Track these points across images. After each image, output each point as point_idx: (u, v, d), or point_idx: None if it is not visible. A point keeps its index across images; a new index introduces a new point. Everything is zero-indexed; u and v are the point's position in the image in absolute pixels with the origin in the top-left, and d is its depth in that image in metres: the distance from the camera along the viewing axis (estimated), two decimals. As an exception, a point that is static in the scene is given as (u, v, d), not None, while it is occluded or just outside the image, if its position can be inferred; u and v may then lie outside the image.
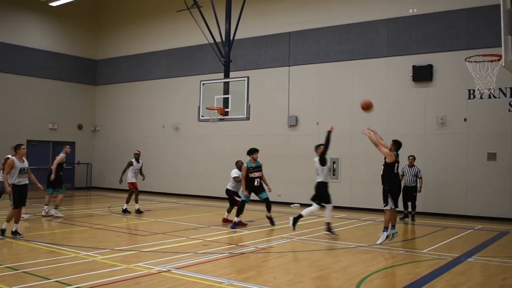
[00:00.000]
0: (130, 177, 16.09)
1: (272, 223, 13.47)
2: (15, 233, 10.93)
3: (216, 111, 16.16)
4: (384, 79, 17.92)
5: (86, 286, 7.02)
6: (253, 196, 13.53)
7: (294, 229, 12.18)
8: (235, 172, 14.11)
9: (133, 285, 7.17)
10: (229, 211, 14.24)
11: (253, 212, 16.11)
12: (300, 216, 12.15)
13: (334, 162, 18.58)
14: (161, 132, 23.75)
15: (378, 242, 10.73)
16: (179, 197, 22.02)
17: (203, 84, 17.01)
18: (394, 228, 11.05)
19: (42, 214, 14.77)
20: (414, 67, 17.15)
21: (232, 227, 12.94)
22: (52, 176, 14.65)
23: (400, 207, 15.27)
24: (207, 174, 21.81)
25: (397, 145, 11.42)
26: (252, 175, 13.26)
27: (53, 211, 14.65)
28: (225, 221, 13.96)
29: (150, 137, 23.97)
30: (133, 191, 16.02)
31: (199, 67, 22.38)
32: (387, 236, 10.81)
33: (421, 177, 15.15)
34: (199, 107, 16.82)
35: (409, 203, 15.18)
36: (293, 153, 19.59)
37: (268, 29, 20.71)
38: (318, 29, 19.44)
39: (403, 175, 14.91)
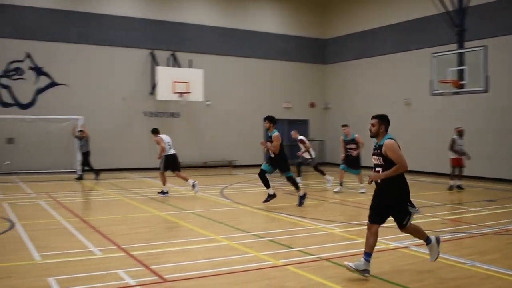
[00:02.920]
0: (451, 153, 15.82)
1: None
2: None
3: (450, 84, 15.42)
4: None
5: (326, 257, 7.37)
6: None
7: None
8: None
9: (372, 259, 7.29)
10: None
11: (495, 191, 15.13)
12: None
13: None
14: (392, 108, 23.39)
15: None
16: (411, 173, 21.47)
17: (434, 56, 16.35)
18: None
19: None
20: None
21: None
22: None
23: None
24: (440, 150, 20.93)
25: None
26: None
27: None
28: None
29: (381, 113, 23.75)
30: (456, 168, 15.78)
31: (428, 39, 21.42)
32: None
33: None
34: (431, 81, 16.24)
35: None
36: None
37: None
38: None
39: None
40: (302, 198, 12.33)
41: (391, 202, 6.47)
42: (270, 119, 12.33)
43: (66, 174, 19.45)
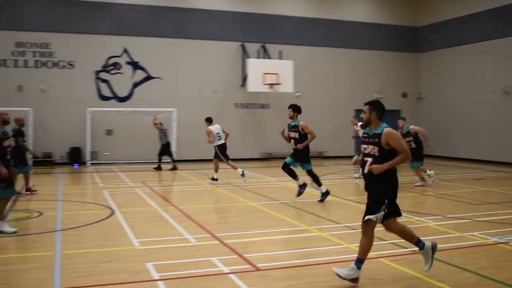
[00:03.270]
0: None
1: None
2: None
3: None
4: None
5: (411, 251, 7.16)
6: None
7: None
8: None
9: (468, 254, 7.05)
10: None
11: None
12: None
13: None
14: (490, 97, 22.32)
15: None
16: (510, 166, 20.43)
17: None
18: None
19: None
20: None
21: None
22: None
23: None
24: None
25: None
26: None
27: None
28: None
29: (478, 102, 22.79)
30: None
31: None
32: None
33: None
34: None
35: None
36: None
37: None
38: None
39: None
40: (324, 195, 11.60)
41: (386, 191, 5.90)
42: (294, 107, 11.46)
43: (161, 164, 20.12)
